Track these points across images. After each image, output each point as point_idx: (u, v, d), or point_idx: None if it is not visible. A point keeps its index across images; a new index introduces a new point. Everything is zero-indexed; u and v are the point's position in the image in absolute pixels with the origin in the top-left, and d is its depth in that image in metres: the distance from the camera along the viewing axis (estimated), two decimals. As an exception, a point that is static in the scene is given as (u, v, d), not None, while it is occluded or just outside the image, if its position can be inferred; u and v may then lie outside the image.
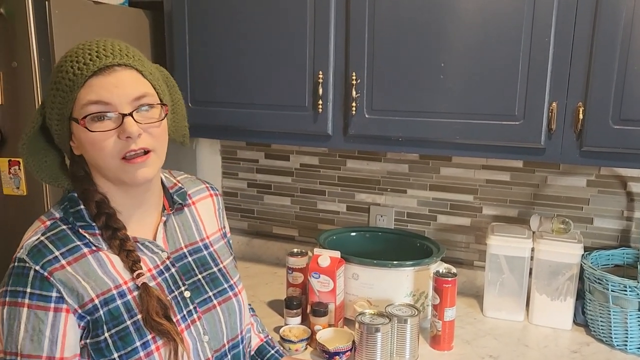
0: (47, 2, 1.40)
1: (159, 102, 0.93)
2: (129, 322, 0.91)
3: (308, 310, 1.53)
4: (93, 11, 1.56)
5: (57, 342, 0.87)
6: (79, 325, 0.89)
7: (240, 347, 1.07)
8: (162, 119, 0.92)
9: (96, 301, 0.89)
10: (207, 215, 1.13)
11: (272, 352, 1.22)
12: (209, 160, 2.17)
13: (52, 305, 0.87)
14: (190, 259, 1.04)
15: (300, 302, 1.56)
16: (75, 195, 0.95)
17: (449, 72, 1.41)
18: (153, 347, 0.91)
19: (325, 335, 1.44)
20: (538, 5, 1.31)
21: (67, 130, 0.91)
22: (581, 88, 1.31)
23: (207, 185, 1.18)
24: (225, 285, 1.07)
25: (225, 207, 2.18)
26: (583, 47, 1.30)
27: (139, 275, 0.93)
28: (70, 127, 0.90)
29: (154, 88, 0.93)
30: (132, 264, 0.93)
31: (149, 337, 0.91)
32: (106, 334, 0.89)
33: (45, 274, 0.87)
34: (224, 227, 1.17)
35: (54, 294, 0.87)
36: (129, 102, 0.87)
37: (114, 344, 0.89)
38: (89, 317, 0.89)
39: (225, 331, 1.03)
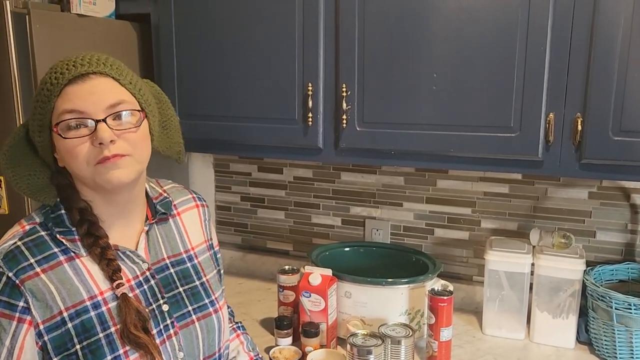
0: (27, 17, 1.36)
1: (138, 109, 0.91)
2: (101, 335, 0.89)
3: (299, 330, 1.47)
4: (77, 24, 1.53)
5: (13, 354, 0.86)
6: (36, 344, 0.87)
7: None
8: (139, 125, 0.91)
9: (65, 314, 0.88)
10: (192, 227, 1.10)
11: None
12: (201, 174, 2.13)
13: (17, 314, 0.86)
14: (172, 270, 1.02)
15: (291, 322, 1.51)
16: (58, 200, 0.94)
17: (441, 82, 1.36)
18: None
19: (317, 357, 1.39)
20: (533, 12, 1.26)
21: (49, 142, 0.91)
22: (579, 98, 1.26)
23: (194, 195, 1.15)
24: (206, 301, 1.04)
25: (219, 221, 2.16)
26: (581, 55, 1.25)
27: (118, 285, 0.91)
28: (52, 137, 0.90)
29: (133, 96, 0.92)
30: (112, 273, 0.91)
31: (121, 351, 0.89)
32: (77, 347, 0.87)
33: (17, 281, 0.86)
34: (211, 239, 1.14)
35: (21, 304, 0.86)
36: (103, 110, 0.87)
37: (84, 356, 0.87)
38: (49, 336, 0.87)
39: (202, 348, 1.01)
